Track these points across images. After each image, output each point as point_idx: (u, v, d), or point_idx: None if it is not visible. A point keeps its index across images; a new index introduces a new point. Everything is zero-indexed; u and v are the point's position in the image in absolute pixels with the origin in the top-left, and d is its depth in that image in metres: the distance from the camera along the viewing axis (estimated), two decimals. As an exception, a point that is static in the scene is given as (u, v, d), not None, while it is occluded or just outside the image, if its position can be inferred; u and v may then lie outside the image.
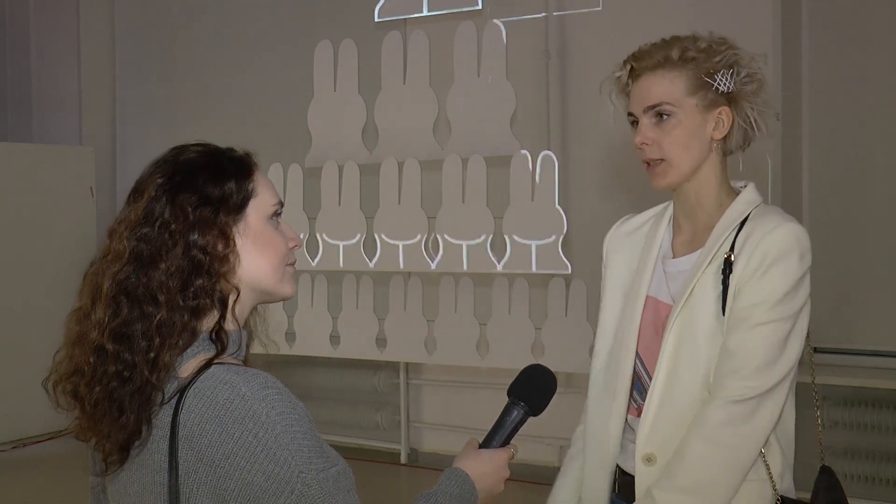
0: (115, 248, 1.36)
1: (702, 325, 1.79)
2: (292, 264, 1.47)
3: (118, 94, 6.77)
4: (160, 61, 6.56)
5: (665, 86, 1.80)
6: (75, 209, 6.41)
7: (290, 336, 4.63)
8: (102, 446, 1.35)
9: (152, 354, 1.31)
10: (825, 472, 1.91)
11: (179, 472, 1.29)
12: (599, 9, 4.49)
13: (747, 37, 1.94)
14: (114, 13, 6.75)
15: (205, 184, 1.37)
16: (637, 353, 1.89)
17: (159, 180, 1.37)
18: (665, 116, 1.81)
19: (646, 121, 1.83)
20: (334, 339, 4.66)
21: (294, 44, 5.65)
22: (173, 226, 1.34)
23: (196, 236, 1.34)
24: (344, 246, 4.51)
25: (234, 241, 1.38)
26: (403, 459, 5.46)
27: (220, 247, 1.36)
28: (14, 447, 5.90)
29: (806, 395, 1.86)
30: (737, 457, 1.74)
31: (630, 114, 1.87)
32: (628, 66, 1.85)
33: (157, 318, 1.31)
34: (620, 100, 1.90)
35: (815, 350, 1.87)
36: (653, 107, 1.81)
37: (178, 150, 1.42)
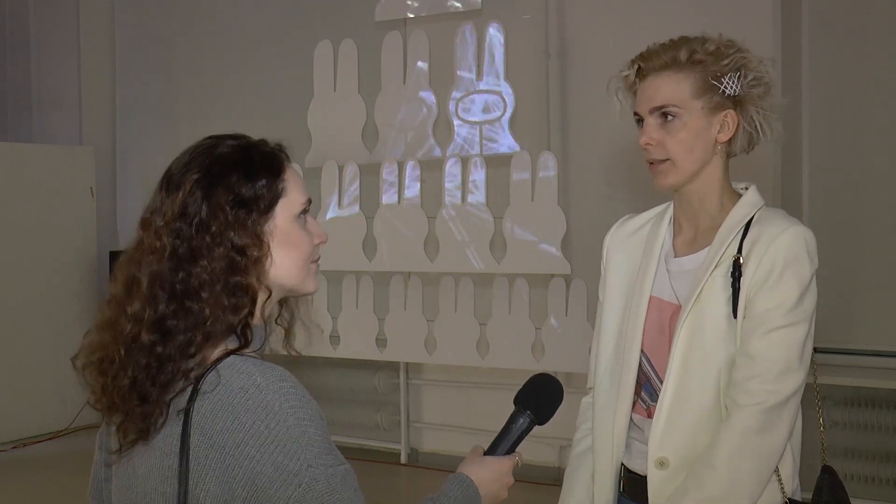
0: (151, 241, 1.36)
1: (712, 328, 1.79)
2: (317, 261, 1.48)
3: (118, 94, 6.76)
4: (160, 61, 6.56)
5: (671, 87, 1.80)
6: (75, 209, 6.40)
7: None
8: (122, 427, 1.36)
9: (193, 349, 1.33)
10: (827, 471, 1.91)
11: (190, 456, 1.30)
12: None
13: (747, 39, 1.94)
14: (114, 13, 6.74)
15: (238, 182, 1.38)
16: (644, 352, 1.88)
17: (195, 176, 1.37)
18: (670, 118, 1.80)
19: (651, 121, 1.82)
20: (334, 339, 4.65)
21: (294, 44, 5.64)
22: (213, 227, 1.35)
23: (234, 237, 1.36)
24: (344, 246, 4.51)
25: (267, 243, 1.39)
26: (403, 459, 5.45)
27: (254, 249, 1.37)
28: (14, 447, 5.89)
29: (806, 396, 1.86)
30: (765, 463, 1.75)
31: (636, 113, 1.87)
32: (636, 66, 1.85)
33: (203, 315, 1.33)
34: (627, 98, 1.89)
35: (816, 350, 1.86)
36: (658, 108, 1.81)
37: (214, 142, 1.42)
